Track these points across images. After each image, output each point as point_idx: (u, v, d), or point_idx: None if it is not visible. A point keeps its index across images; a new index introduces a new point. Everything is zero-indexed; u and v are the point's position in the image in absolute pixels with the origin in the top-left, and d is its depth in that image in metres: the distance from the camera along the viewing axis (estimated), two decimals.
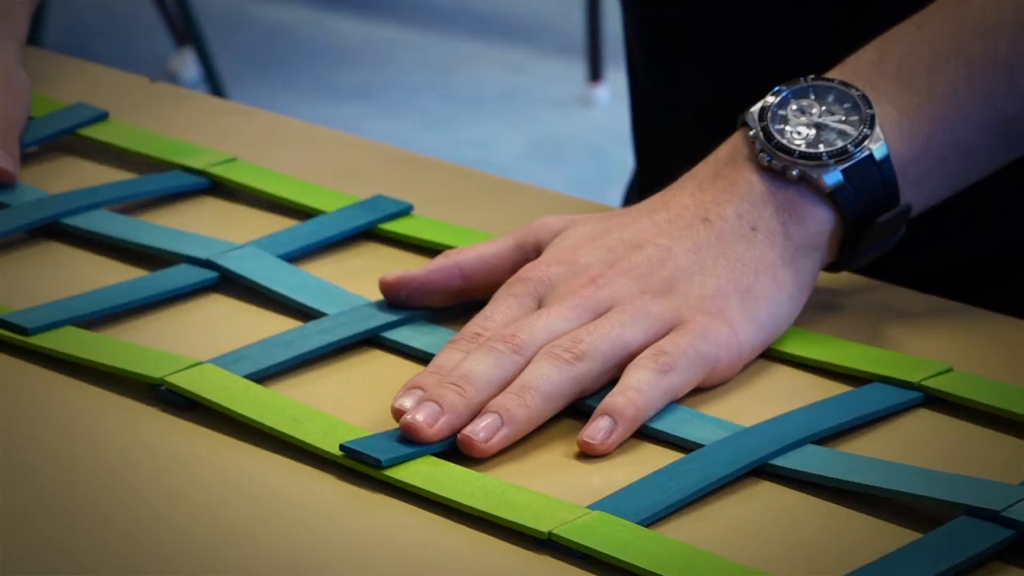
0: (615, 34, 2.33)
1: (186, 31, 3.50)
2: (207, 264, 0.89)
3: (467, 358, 0.74)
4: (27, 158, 1.01)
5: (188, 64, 3.67)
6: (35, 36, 3.18)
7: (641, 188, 1.16)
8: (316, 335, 0.82)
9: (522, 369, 0.74)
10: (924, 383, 0.78)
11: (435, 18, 4.15)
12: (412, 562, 0.68)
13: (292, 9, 4.26)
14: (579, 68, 3.65)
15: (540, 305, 0.77)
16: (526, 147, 3.45)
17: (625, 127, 1.17)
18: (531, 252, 0.81)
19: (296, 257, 0.90)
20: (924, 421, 0.78)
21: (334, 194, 0.96)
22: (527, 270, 0.79)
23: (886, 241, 0.81)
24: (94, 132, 1.05)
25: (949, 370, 0.79)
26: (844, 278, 0.86)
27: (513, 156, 3.41)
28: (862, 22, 0.83)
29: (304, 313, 0.85)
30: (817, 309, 0.83)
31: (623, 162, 1.27)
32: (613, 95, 3.56)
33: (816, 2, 0.90)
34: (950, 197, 0.85)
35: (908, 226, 0.82)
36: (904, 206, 0.80)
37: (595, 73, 3.62)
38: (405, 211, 0.93)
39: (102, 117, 1.06)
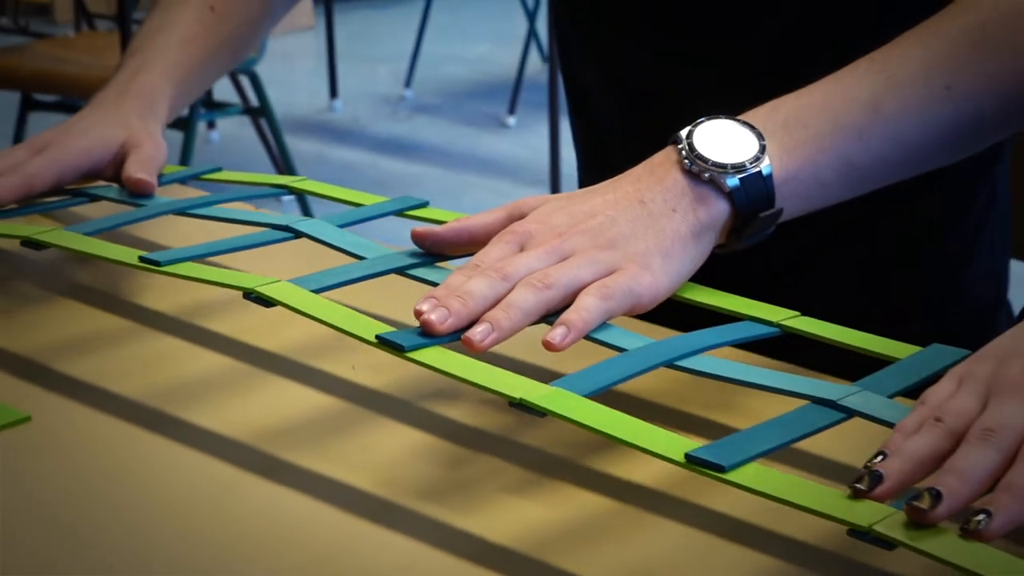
0: (569, 173, 2.34)
1: (284, 166, 3.51)
2: (286, 228, 0.87)
3: (469, 280, 0.72)
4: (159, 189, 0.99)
5: None
6: None
7: None
8: (360, 268, 0.80)
9: (507, 292, 0.72)
10: (780, 323, 0.76)
11: (450, 160, 4.16)
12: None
13: (355, 153, 4.26)
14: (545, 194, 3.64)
15: (522, 250, 0.75)
16: None
17: None
18: (517, 220, 0.79)
19: (346, 227, 0.88)
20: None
21: (373, 196, 0.94)
22: (514, 226, 0.77)
23: (761, 233, 0.79)
24: (209, 177, 1.04)
25: (798, 315, 0.77)
26: None
27: None
28: None
29: (352, 258, 0.83)
30: None
31: None
32: None
33: None
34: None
35: (776, 229, 0.80)
36: (777, 209, 0.78)
37: None
38: (423, 204, 0.91)
39: (216, 170, 1.04)
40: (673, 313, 0.78)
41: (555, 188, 3.60)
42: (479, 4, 5.01)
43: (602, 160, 1.06)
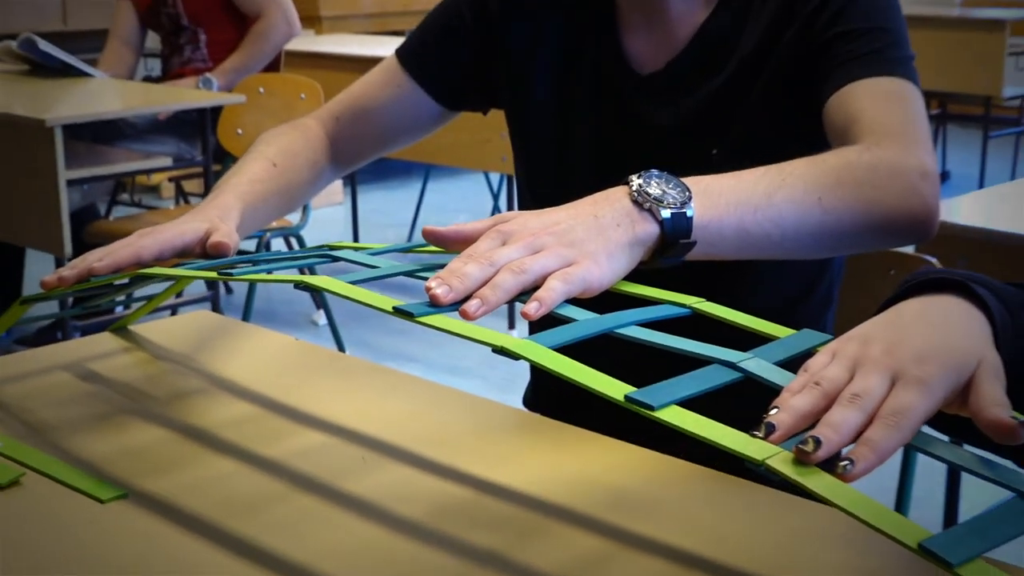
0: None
1: (321, 301, 3.50)
2: (325, 255, 0.85)
3: (465, 265, 0.70)
4: None
5: (321, 315, 3.64)
6: (244, 313, 3.16)
7: (536, 389, 1.15)
8: (379, 271, 0.78)
9: (493, 275, 0.70)
10: (691, 305, 0.74)
11: None
12: None
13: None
14: (503, 322, 3.60)
15: (504, 244, 0.73)
16: (479, 367, 3.38)
17: None
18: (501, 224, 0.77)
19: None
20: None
21: (388, 245, 0.90)
22: (499, 227, 0.75)
23: (676, 258, 0.78)
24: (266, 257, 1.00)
25: (703, 300, 0.75)
26: None
27: (475, 373, 3.35)
28: None
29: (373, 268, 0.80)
30: None
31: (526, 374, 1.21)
32: (520, 335, 3.51)
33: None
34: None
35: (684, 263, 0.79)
36: (692, 240, 0.77)
37: (511, 323, 3.57)
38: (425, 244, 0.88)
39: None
40: (612, 299, 0.76)
41: (511, 316, 3.56)
42: (460, 188, 5.10)
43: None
